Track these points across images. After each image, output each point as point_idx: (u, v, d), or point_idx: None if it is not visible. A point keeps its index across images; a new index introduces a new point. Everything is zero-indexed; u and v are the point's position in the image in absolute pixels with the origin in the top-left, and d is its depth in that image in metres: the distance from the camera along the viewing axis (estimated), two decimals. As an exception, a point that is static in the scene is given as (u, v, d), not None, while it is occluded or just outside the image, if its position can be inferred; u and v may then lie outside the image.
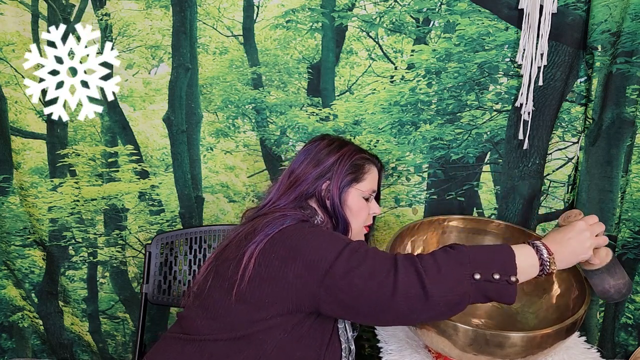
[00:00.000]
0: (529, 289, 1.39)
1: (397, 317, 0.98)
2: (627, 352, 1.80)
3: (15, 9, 1.64)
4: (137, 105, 1.74)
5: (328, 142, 1.25)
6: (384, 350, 1.33)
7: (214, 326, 1.07)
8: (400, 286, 0.94)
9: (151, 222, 1.85)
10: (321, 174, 1.20)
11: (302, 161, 1.23)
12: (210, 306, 1.10)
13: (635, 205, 1.68)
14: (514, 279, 0.95)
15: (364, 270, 0.97)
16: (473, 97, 1.65)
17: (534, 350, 1.06)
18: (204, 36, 1.66)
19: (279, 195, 1.22)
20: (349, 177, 1.21)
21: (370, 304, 0.97)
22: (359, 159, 1.24)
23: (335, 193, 1.19)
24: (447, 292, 0.93)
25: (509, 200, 1.72)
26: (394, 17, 1.61)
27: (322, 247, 1.02)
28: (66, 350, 1.99)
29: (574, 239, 1.01)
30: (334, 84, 1.67)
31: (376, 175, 1.29)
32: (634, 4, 1.47)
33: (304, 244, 1.03)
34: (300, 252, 1.02)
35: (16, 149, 1.77)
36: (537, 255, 0.99)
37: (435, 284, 0.93)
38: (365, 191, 1.24)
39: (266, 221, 1.10)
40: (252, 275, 1.04)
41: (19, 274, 1.90)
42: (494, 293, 0.95)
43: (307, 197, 1.21)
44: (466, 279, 0.94)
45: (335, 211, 1.19)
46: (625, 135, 1.58)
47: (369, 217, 1.28)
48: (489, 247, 1.03)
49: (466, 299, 0.95)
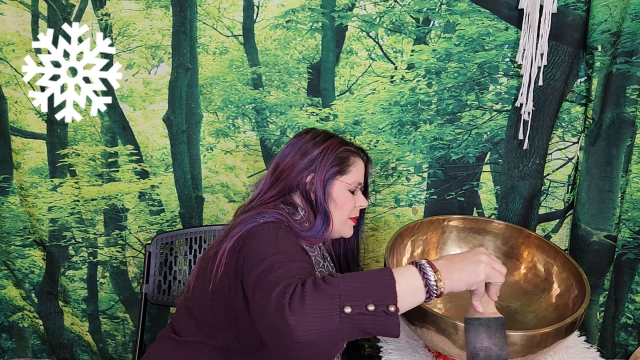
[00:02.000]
0: (529, 288, 1.39)
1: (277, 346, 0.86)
2: (627, 352, 1.80)
3: (15, 9, 1.64)
4: (137, 105, 1.74)
5: (312, 135, 1.25)
6: (384, 350, 1.33)
7: (201, 328, 1.09)
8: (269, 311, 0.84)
9: (151, 222, 1.85)
10: (305, 167, 1.20)
11: (287, 155, 1.23)
12: (194, 306, 1.12)
13: (635, 205, 1.68)
14: (393, 308, 0.81)
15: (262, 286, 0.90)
16: (473, 97, 1.65)
17: (534, 350, 1.06)
18: (204, 36, 1.66)
19: (266, 189, 1.22)
20: (334, 170, 1.21)
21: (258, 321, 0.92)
22: (343, 152, 1.23)
23: (319, 186, 1.18)
24: (312, 330, 0.79)
25: (509, 200, 1.72)
26: (394, 17, 1.61)
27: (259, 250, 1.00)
28: (66, 350, 1.99)
29: (467, 260, 0.91)
30: (334, 84, 1.67)
31: (362, 167, 1.28)
32: (634, 4, 1.47)
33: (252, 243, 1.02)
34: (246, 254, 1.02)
35: (16, 149, 1.77)
36: (421, 274, 0.87)
37: (300, 319, 0.80)
38: (351, 184, 1.23)
39: (241, 219, 1.10)
40: (223, 274, 1.05)
41: (19, 274, 1.90)
42: (372, 327, 0.82)
43: (291, 190, 1.21)
44: (335, 314, 0.80)
45: (317, 203, 1.18)
46: (625, 135, 1.58)
47: (355, 209, 1.27)
48: (364, 274, 0.89)
49: (339, 337, 0.81)
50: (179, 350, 1.11)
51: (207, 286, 1.07)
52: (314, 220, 1.18)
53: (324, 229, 1.17)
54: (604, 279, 1.71)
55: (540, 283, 1.37)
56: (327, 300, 0.81)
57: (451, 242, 1.50)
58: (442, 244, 1.50)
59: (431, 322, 1.11)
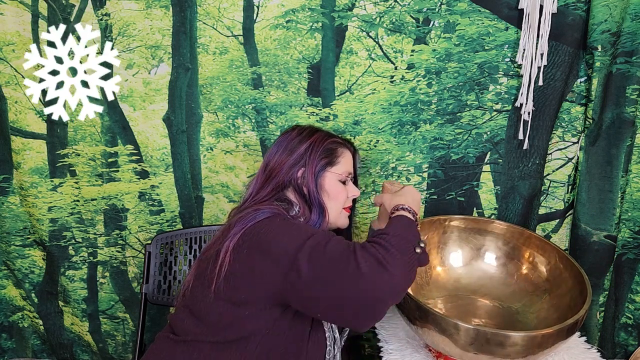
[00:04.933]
0: (530, 288, 1.39)
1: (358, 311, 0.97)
2: (627, 352, 1.80)
3: (15, 9, 1.64)
4: (137, 105, 1.74)
5: (299, 131, 1.27)
6: (384, 350, 1.33)
7: (200, 327, 1.10)
8: (364, 272, 0.95)
9: (151, 222, 1.85)
10: (295, 162, 1.22)
11: (275, 153, 1.25)
12: (193, 306, 1.12)
13: (635, 205, 1.68)
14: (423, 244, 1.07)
15: (324, 263, 0.98)
16: (473, 97, 1.65)
17: (535, 350, 1.07)
18: (204, 36, 1.66)
19: (257, 189, 1.23)
20: (323, 162, 1.22)
21: (334, 295, 0.97)
22: (330, 143, 1.25)
23: (311, 179, 1.20)
24: (404, 272, 0.98)
25: (509, 200, 1.72)
26: (394, 17, 1.61)
27: (284, 241, 1.03)
28: (66, 350, 1.99)
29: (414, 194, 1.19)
30: (334, 84, 1.67)
31: (350, 158, 1.30)
32: (634, 4, 1.47)
33: (269, 238, 1.04)
34: (266, 247, 1.03)
35: (16, 149, 1.77)
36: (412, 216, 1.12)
37: (393, 263, 0.96)
38: (341, 174, 1.25)
39: (240, 216, 1.11)
40: (227, 272, 1.05)
41: (19, 274, 1.90)
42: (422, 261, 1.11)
43: (284, 187, 1.22)
44: (413, 255, 1.02)
45: (312, 198, 1.20)
46: (625, 135, 1.59)
47: (347, 199, 1.28)
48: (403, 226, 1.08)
49: (413, 275, 1.02)
50: (177, 350, 1.11)
51: (208, 285, 1.08)
52: (310, 214, 1.20)
53: (320, 222, 1.19)
54: (604, 279, 1.71)
55: (541, 284, 1.37)
56: (405, 245, 1.01)
57: (452, 242, 1.51)
58: (443, 244, 1.50)
59: (432, 322, 1.12)
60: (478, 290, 1.45)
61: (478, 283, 1.46)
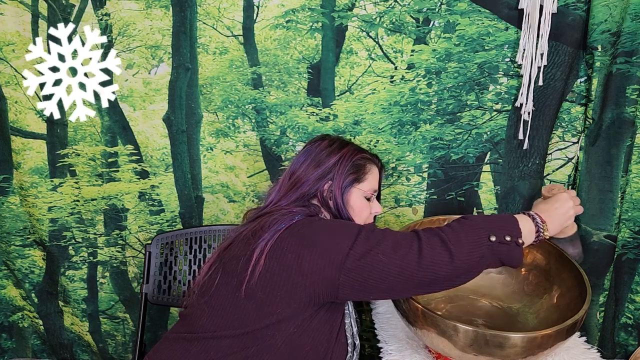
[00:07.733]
0: (529, 289, 1.39)
1: (416, 287, 1.02)
2: (627, 352, 1.80)
3: (15, 9, 1.64)
4: (137, 105, 1.74)
5: (328, 143, 1.26)
6: (384, 351, 1.33)
7: (220, 323, 1.08)
8: (426, 254, 0.99)
9: (151, 222, 1.85)
10: (322, 175, 1.21)
11: (303, 162, 1.24)
12: (217, 304, 1.10)
13: (635, 205, 1.68)
14: (521, 241, 1.03)
15: (385, 247, 1.01)
16: (473, 97, 1.65)
17: (535, 351, 1.06)
18: (204, 36, 1.66)
19: (280, 196, 1.22)
20: (351, 177, 1.22)
21: (395, 276, 1.01)
22: (359, 159, 1.25)
23: (338, 194, 1.20)
24: (469, 254, 1.00)
25: (509, 200, 1.72)
26: (394, 17, 1.61)
27: (336, 234, 1.05)
28: (66, 350, 1.99)
29: (560, 209, 1.12)
30: (334, 84, 1.67)
31: (377, 174, 1.29)
32: (634, 4, 1.47)
33: (317, 234, 1.05)
34: (314, 243, 1.04)
35: (16, 149, 1.77)
36: (533, 223, 1.08)
37: (459, 248, 0.99)
38: (367, 191, 1.25)
39: (274, 218, 1.11)
40: (262, 271, 1.04)
41: (19, 274, 1.90)
42: (506, 255, 1.02)
43: (309, 197, 1.21)
44: (483, 242, 1.01)
45: (339, 211, 1.20)
46: (625, 135, 1.58)
47: (370, 216, 1.28)
48: (496, 216, 1.15)
49: (483, 261, 1.02)
50: (192, 348, 1.09)
51: (237, 284, 1.07)
52: None
53: None
54: (604, 279, 1.71)
55: (541, 284, 1.37)
56: (476, 231, 1.02)
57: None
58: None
59: (432, 324, 1.11)
60: (478, 290, 1.45)
61: (478, 283, 1.46)
